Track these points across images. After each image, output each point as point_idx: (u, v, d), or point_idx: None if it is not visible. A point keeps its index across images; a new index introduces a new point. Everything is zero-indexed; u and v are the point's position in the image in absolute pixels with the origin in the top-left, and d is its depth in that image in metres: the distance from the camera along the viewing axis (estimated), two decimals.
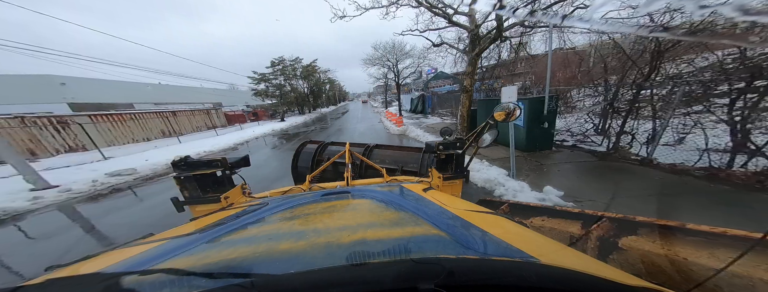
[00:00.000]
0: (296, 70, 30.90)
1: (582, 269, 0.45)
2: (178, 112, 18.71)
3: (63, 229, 3.99)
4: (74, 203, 5.16)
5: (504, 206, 1.45)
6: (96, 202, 5.21)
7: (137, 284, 0.47)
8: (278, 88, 28.86)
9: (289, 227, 0.78)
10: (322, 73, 39.97)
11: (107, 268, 0.59)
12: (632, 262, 0.83)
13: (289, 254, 0.55)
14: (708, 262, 0.68)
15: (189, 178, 1.37)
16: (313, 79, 34.69)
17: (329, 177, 2.80)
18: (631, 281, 0.46)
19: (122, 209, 4.70)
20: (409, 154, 2.79)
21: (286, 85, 29.72)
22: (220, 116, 23.91)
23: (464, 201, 1.17)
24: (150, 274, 0.51)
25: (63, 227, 4.08)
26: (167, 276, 0.49)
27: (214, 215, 1.10)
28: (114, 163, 8.27)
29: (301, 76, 32.25)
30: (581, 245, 0.96)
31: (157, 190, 5.73)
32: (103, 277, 0.53)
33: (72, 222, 4.31)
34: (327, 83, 43.24)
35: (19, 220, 4.45)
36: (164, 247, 0.71)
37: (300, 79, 32.46)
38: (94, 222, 4.17)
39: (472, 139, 1.57)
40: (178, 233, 0.84)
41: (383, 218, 0.80)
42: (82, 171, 7.25)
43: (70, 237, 3.67)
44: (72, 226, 4.12)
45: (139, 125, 15.45)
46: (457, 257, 0.49)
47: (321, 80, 38.85)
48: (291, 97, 29.73)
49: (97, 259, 0.70)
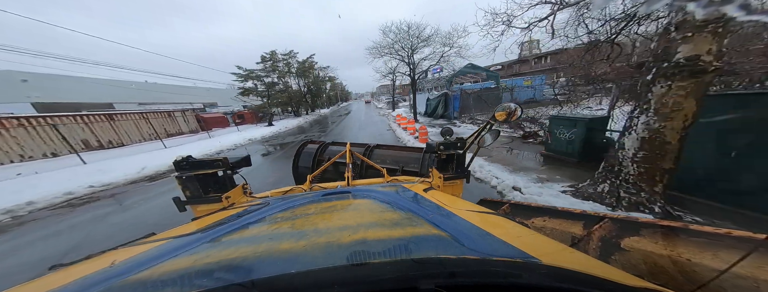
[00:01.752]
0: (290, 66, 27.37)
1: (584, 269, 0.44)
2: (117, 116, 14.24)
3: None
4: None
5: (505, 206, 1.45)
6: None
7: (139, 284, 0.47)
8: (270, 87, 25.05)
9: (289, 226, 0.78)
10: (322, 70, 36.65)
11: (110, 267, 0.59)
12: (635, 263, 0.82)
13: (289, 254, 0.55)
14: (711, 263, 0.67)
15: (191, 177, 1.38)
16: (310, 76, 31.23)
17: (330, 177, 2.81)
18: (634, 282, 0.46)
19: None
20: (409, 154, 2.79)
21: (279, 83, 26.22)
22: (190, 120, 19.42)
23: (465, 201, 1.17)
24: (152, 273, 0.51)
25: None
26: (169, 275, 0.49)
27: (216, 215, 1.10)
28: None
29: (297, 73, 28.58)
30: (583, 245, 0.96)
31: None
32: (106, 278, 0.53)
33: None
34: (326, 81, 39.49)
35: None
36: (166, 246, 0.71)
37: (295, 76, 28.78)
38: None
39: (474, 140, 1.57)
40: (180, 233, 0.84)
41: (384, 218, 0.80)
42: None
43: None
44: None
45: (37, 134, 10.62)
46: (457, 257, 0.49)
47: (320, 78, 35.38)
48: (282, 96, 25.80)
49: (100, 258, 0.70)
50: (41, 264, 3.14)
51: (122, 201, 5.32)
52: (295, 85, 29.66)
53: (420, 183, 1.59)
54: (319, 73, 35.63)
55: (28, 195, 5.60)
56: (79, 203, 5.44)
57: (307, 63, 29.40)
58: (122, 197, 5.63)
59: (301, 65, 28.64)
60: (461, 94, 14.13)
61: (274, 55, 25.49)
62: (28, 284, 0.57)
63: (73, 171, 7.87)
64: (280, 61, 26.18)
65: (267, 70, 24.83)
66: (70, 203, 5.49)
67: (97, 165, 8.63)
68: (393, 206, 0.90)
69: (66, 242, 3.70)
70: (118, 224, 4.18)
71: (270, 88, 24.99)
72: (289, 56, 27.04)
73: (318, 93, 35.82)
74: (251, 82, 23.74)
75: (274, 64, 25.33)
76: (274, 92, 25.21)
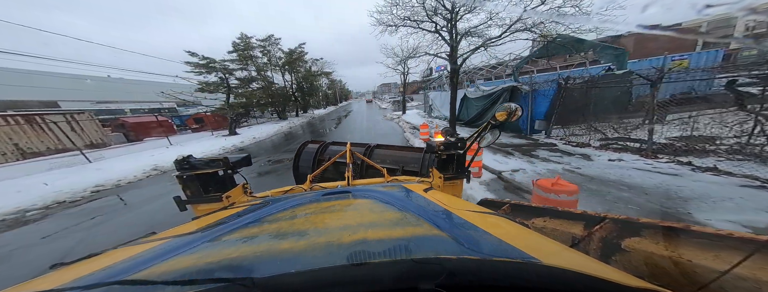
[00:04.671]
0: (270, 55, 21.13)
1: (584, 270, 0.44)
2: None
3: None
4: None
5: (505, 206, 1.45)
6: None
7: (139, 283, 0.47)
8: (245, 83, 19.00)
9: (289, 226, 0.78)
10: (314, 62, 29.77)
11: (110, 266, 0.60)
12: (635, 264, 0.82)
13: (289, 254, 0.55)
14: (712, 264, 0.67)
15: (191, 177, 1.38)
16: (300, 70, 25.30)
17: (330, 177, 2.81)
18: (634, 283, 0.46)
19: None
20: (409, 154, 2.79)
21: (259, 78, 20.37)
22: (89, 129, 13.40)
23: (465, 201, 1.17)
24: (152, 272, 0.51)
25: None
26: (169, 275, 0.49)
27: (216, 214, 1.11)
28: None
29: (282, 66, 22.60)
30: (583, 246, 0.96)
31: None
32: (106, 278, 0.53)
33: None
34: (320, 75, 31.30)
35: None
36: (166, 246, 0.71)
37: (280, 69, 22.83)
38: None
39: (474, 139, 1.57)
40: (181, 232, 0.84)
41: (384, 217, 0.80)
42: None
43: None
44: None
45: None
46: (457, 257, 0.49)
47: (312, 72, 28.37)
48: (257, 95, 19.16)
49: (101, 257, 0.70)
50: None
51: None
52: (282, 82, 24.34)
53: (420, 183, 1.59)
54: (311, 66, 29.38)
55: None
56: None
57: (296, 53, 23.32)
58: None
59: (288, 56, 22.85)
60: (560, 87, 7.32)
61: (246, 40, 19.08)
62: (28, 283, 0.57)
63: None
64: (255, 47, 19.86)
65: (244, 60, 18.74)
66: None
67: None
68: (393, 206, 0.90)
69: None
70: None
71: (245, 85, 18.91)
72: (268, 43, 20.55)
73: (311, 91, 29.53)
74: (216, 75, 17.11)
75: (244, 52, 18.67)
76: (248, 90, 18.89)
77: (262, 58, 20.87)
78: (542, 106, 8.02)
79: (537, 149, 6.63)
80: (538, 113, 8.15)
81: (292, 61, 23.25)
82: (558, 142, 7.18)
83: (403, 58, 11.27)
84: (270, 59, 21.41)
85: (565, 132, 7.57)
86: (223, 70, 17.16)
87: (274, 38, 21.05)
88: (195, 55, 16.03)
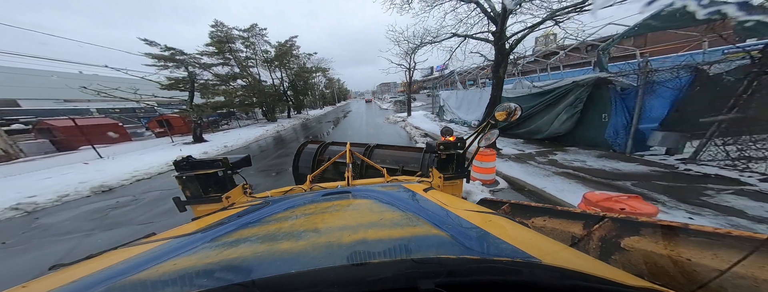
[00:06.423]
0: (255, 48, 18.35)
1: (584, 269, 0.44)
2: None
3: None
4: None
5: (505, 206, 1.45)
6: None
7: (139, 284, 0.47)
8: (223, 80, 16.15)
9: (289, 226, 0.78)
10: (307, 56, 26.16)
11: (109, 267, 0.59)
12: (635, 263, 0.82)
13: (289, 254, 0.55)
14: (712, 263, 0.67)
15: (191, 177, 1.38)
16: (293, 66, 22.63)
17: (330, 177, 2.81)
18: (634, 282, 0.46)
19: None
20: (409, 154, 2.79)
21: (244, 74, 17.81)
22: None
23: (465, 201, 1.17)
24: (152, 273, 0.51)
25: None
26: (169, 275, 0.49)
27: (216, 215, 1.10)
28: None
29: (270, 61, 19.98)
30: (583, 245, 0.96)
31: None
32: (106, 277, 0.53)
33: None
34: (315, 72, 28.07)
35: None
36: (166, 246, 0.71)
37: (268, 65, 20.17)
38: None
39: (474, 139, 1.58)
40: (180, 233, 0.84)
41: (384, 217, 0.80)
42: None
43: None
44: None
45: None
46: (457, 257, 0.49)
47: (306, 68, 25.68)
48: (236, 94, 16.44)
49: (100, 258, 0.70)
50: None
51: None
52: (271, 79, 21.46)
53: (420, 183, 1.59)
54: (305, 62, 26.35)
55: None
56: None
57: (287, 47, 20.80)
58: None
59: (278, 50, 20.38)
60: (697, 77, 4.34)
61: (221, 27, 15.80)
62: (28, 285, 0.57)
63: None
64: (236, 39, 17.02)
65: (225, 56, 16.23)
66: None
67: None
68: (393, 206, 0.90)
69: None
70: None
71: (224, 83, 16.30)
72: (251, 34, 17.50)
73: (305, 89, 26.79)
74: (185, 68, 13.70)
75: (223, 44, 15.73)
76: (227, 89, 16.14)
77: (245, 51, 17.97)
78: (656, 109, 4.95)
79: (694, 186, 3.38)
80: (649, 119, 5.05)
81: (282, 55, 20.55)
82: (722, 169, 3.76)
83: (416, 46, 8.57)
84: (255, 53, 18.57)
85: (724, 149, 3.99)
86: (193, 64, 13.98)
87: (259, 29, 18.03)
88: (154, 45, 12.61)
